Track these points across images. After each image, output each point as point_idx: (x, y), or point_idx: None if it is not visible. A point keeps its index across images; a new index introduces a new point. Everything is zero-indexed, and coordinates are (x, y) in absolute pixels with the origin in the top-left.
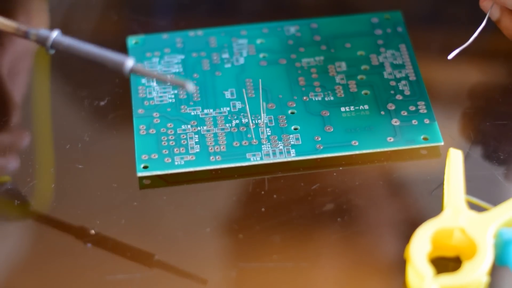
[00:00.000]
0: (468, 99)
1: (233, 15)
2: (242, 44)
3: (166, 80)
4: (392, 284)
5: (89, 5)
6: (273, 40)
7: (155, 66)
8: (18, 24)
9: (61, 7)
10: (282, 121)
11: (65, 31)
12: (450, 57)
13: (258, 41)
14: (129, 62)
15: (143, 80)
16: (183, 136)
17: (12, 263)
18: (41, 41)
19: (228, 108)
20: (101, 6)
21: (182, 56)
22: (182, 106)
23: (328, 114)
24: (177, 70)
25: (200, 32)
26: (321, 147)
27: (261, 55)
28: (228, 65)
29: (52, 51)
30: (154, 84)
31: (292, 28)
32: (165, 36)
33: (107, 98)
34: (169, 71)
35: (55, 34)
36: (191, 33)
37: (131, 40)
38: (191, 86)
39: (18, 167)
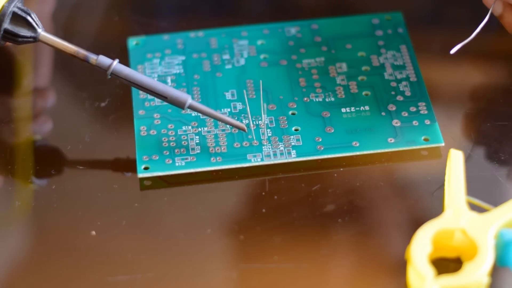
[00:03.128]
0: (469, 100)
1: (233, 16)
2: (243, 45)
3: (221, 119)
4: (393, 284)
5: (90, 6)
6: (274, 41)
7: (156, 67)
8: (77, 48)
9: (63, 8)
10: (282, 122)
11: (67, 32)
12: (452, 51)
13: (259, 42)
14: (188, 99)
15: None
16: (183, 137)
17: (13, 264)
18: (101, 67)
19: (229, 109)
20: (102, 7)
21: (183, 57)
22: None
23: (329, 115)
24: (178, 71)
25: (200, 33)
26: (322, 148)
27: (261, 56)
28: (229, 66)
29: (110, 77)
30: None
31: (292, 29)
32: (165, 37)
33: (108, 99)
34: (170, 72)
35: (115, 63)
36: (192, 34)
37: (132, 41)
38: (246, 128)
39: (51, 128)
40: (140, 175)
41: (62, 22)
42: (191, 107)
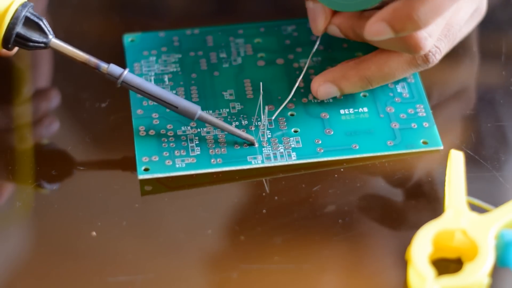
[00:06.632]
0: (469, 100)
1: (230, 15)
2: (239, 43)
3: (231, 131)
4: (394, 285)
5: (87, 4)
6: (270, 40)
7: (153, 65)
8: (89, 56)
9: (60, 7)
10: (282, 123)
11: (65, 31)
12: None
13: (255, 41)
14: (198, 110)
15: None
16: (183, 138)
17: (13, 265)
18: (112, 76)
19: (228, 110)
20: (99, 6)
21: (179, 55)
22: None
23: (328, 117)
24: (175, 69)
25: (196, 31)
26: (322, 151)
27: (258, 55)
28: (226, 65)
29: (120, 85)
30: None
31: (289, 28)
32: (161, 34)
33: (108, 100)
34: (166, 70)
35: (125, 72)
36: (188, 31)
37: (127, 38)
38: (255, 141)
39: (58, 129)
40: (140, 176)
41: (59, 19)
42: (201, 118)
